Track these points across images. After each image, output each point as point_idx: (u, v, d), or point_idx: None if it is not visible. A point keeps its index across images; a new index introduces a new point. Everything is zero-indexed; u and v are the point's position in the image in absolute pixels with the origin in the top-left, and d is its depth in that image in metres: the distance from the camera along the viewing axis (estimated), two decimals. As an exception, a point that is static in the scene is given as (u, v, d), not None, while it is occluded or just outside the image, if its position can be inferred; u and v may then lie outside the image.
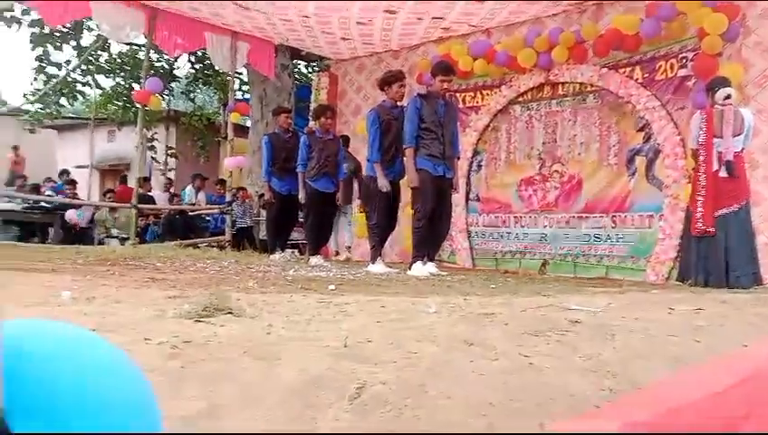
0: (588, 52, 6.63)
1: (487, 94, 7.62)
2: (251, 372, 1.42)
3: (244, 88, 12.48)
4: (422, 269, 5.08)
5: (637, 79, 6.33)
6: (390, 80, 5.61)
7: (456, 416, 1.33)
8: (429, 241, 5.32)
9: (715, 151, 4.58)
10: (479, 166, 7.62)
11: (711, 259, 4.60)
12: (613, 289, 4.15)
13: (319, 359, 1.53)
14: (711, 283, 4.53)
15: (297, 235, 8.16)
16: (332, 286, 3.59)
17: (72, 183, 10.03)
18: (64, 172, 11.13)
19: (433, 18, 7.53)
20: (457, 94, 7.74)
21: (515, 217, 7.23)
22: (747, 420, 0.91)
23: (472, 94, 7.80)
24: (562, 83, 6.96)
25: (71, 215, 8.83)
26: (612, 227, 6.40)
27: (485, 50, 7.44)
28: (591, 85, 6.71)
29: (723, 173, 4.61)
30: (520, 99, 7.34)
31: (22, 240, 7.77)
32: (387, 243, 6.14)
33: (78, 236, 8.59)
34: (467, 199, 7.58)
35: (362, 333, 1.82)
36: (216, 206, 9.38)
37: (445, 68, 5.38)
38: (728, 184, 4.61)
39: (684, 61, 5.99)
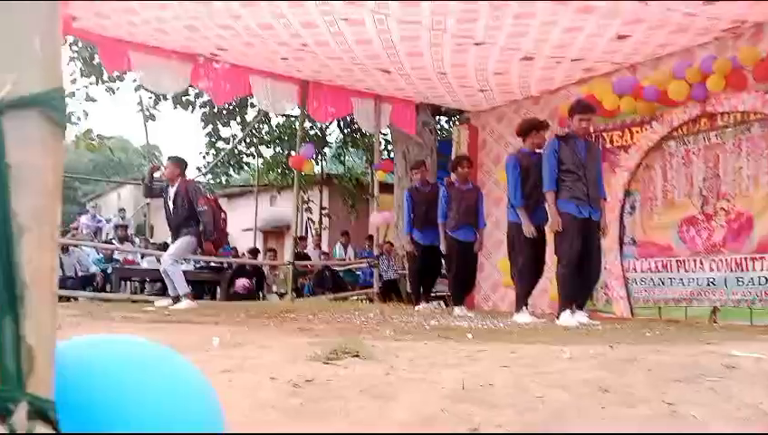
0: (747, 77, 6.06)
1: (637, 132, 7.20)
2: (365, 411, 1.43)
3: (389, 147, 12.99)
4: (570, 319, 4.81)
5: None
6: (528, 128, 5.54)
7: (580, 464, 1.22)
8: (578, 288, 5.04)
9: None
10: (632, 208, 7.15)
11: None
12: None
13: (434, 400, 1.49)
14: None
15: (443, 286, 8.15)
16: (470, 335, 3.52)
17: (254, 252, 11.13)
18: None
19: (572, 60, 7.36)
20: (604, 134, 7.41)
21: (678, 260, 6.63)
22: None
23: (620, 133, 7.42)
24: (721, 114, 6.39)
25: (241, 284, 9.54)
26: (792, 268, 5.63)
27: (631, 86, 7.08)
28: (755, 113, 6.09)
29: None
30: (674, 134, 6.84)
31: (192, 298, 8.56)
32: (536, 292, 5.92)
33: (241, 294, 9.31)
34: (621, 244, 7.10)
35: (485, 376, 1.76)
36: (365, 260, 9.69)
37: (582, 107, 5.20)
38: None
39: None
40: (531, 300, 5.80)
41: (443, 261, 6.86)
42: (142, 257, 9.70)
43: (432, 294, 7.67)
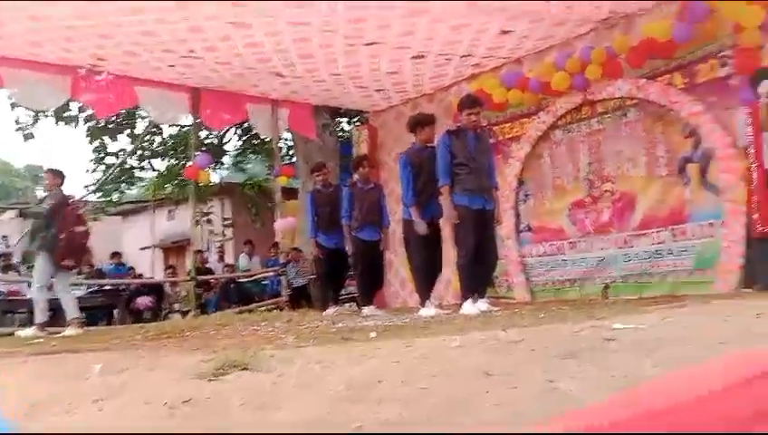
0: (622, 65, 6.45)
1: (526, 123, 7.50)
2: (246, 425, 1.36)
3: (291, 152, 12.82)
4: (473, 308, 4.91)
5: (677, 85, 6.09)
6: (414, 124, 5.62)
7: (461, 451, 1.22)
8: (477, 277, 5.16)
9: (765, 147, 4.29)
10: (526, 196, 7.44)
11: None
12: (673, 305, 3.87)
13: (320, 404, 1.45)
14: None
15: (352, 287, 8.13)
16: (374, 334, 3.50)
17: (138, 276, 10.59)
18: (116, 254, 11.56)
19: (461, 57, 7.55)
20: (495, 127, 7.66)
21: (570, 242, 6.96)
22: (756, 422, 0.78)
23: (510, 125, 7.69)
24: (601, 101, 6.77)
25: (143, 302, 9.07)
26: (673, 241, 6.04)
27: (518, 79, 7.36)
28: (631, 98, 6.49)
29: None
30: (559, 123, 7.17)
31: (88, 326, 8.06)
32: (441, 284, 6.00)
33: (142, 314, 8.87)
34: (518, 231, 7.37)
35: (374, 374, 1.73)
36: (271, 269, 9.50)
37: (470, 102, 5.33)
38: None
39: (724, 59, 5.72)
40: (436, 292, 5.87)
41: (350, 262, 6.83)
42: (30, 287, 9.02)
43: (342, 296, 7.63)
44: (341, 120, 13.06)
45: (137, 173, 13.23)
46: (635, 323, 2.48)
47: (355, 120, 12.74)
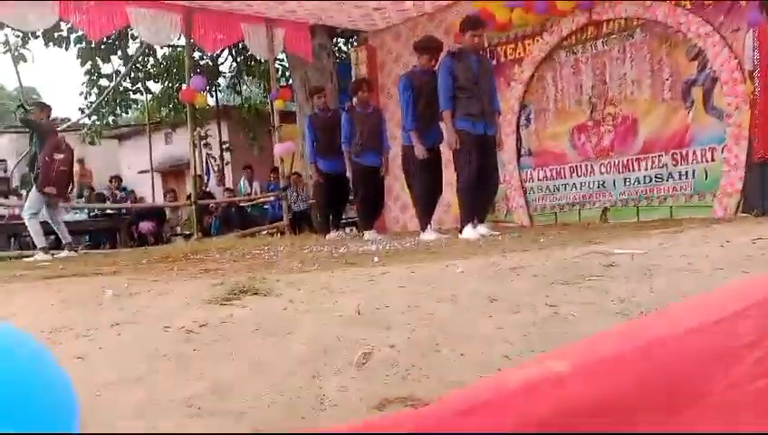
0: (629, -16, 6.23)
1: (529, 44, 7.32)
2: (260, 349, 1.42)
3: (287, 74, 12.55)
4: (473, 232, 4.98)
5: (685, 6, 5.92)
6: (424, 49, 5.47)
7: (469, 374, 1.28)
8: (478, 202, 5.19)
9: (773, 70, 4.22)
10: (528, 120, 7.37)
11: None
12: (672, 229, 3.92)
13: (331, 329, 1.51)
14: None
15: (352, 212, 8.19)
16: (377, 259, 3.57)
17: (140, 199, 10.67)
18: (115, 178, 11.58)
19: (464, -26, 7.28)
20: (498, 48, 7.49)
21: (571, 167, 6.96)
22: (752, 349, 0.82)
23: (513, 46, 7.51)
24: (606, 21, 6.59)
25: (146, 226, 9.17)
26: (674, 165, 6.05)
27: (522, -1, 7.13)
28: (637, 19, 6.32)
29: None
30: (564, 44, 7.01)
31: (92, 248, 8.18)
32: (440, 208, 6.04)
33: (144, 238, 8.98)
34: (519, 155, 7.35)
35: (381, 299, 1.79)
36: (272, 193, 9.54)
37: (474, 22, 5.19)
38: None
39: (734, -22, 5.53)
40: (436, 216, 5.93)
41: (350, 187, 6.85)
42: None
43: (343, 221, 7.69)
44: (339, 40, 12.72)
45: (131, 96, 13.00)
46: (633, 248, 2.53)
47: (353, 40, 12.41)
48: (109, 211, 9.08)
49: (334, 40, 11.91)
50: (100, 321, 1.86)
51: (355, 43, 11.71)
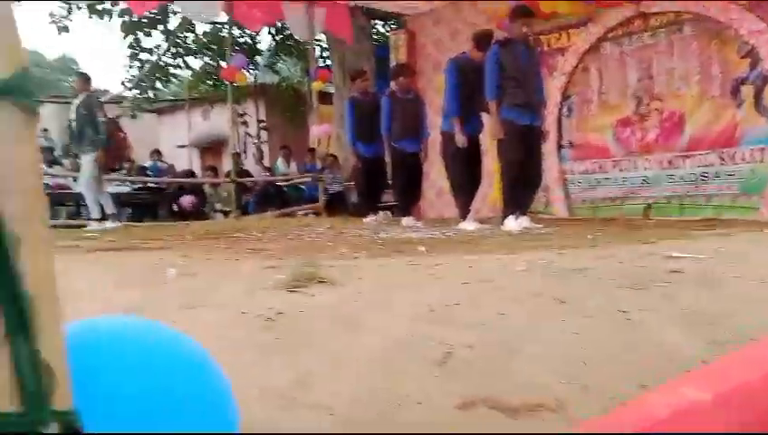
0: (682, -24, 6.09)
1: (573, 34, 7.21)
2: (338, 341, 1.46)
3: (325, 54, 12.55)
4: (515, 223, 4.97)
5: (739, 1, 5.77)
6: (480, 41, 5.42)
7: (546, 378, 1.30)
8: (521, 194, 5.17)
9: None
10: (569, 111, 7.28)
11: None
12: (722, 231, 3.87)
13: (403, 324, 1.54)
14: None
15: (388, 197, 8.21)
16: (423, 248, 3.59)
17: (191, 174, 10.84)
18: (156, 152, 11.76)
19: (510, -41, 7.17)
20: (541, 37, 7.39)
21: (613, 161, 6.88)
22: None
23: (557, 36, 7.41)
24: (655, 14, 6.46)
25: (188, 200, 9.34)
26: (720, 164, 5.95)
27: (569, -13, 7.01)
28: (688, 13, 6.18)
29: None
30: (609, 35, 6.89)
31: (134, 221, 8.36)
32: (478, 196, 6.03)
33: (186, 212, 9.16)
34: (560, 147, 7.28)
35: (447, 296, 1.81)
36: (308, 174, 9.60)
37: (524, 12, 5.13)
38: None
39: (794, -25, 5.37)
40: (474, 205, 5.92)
41: (388, 172, 6.87)
42: (75, 180, 9.27)
43: (379, 205, 7.72)
44: (377, 22, 12.65)
45: (171, 71, 13.15)
46: (690, 252, 2.51)
47: (391, 23, 12.34)
48: (150, 185, 9.25)
49: (372, 22, 11.85)
50: (170, 303, 1.92)
51: (394, 27, 11.65)
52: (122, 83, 12.85)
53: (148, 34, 12.10)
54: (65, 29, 11.55)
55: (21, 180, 0.46)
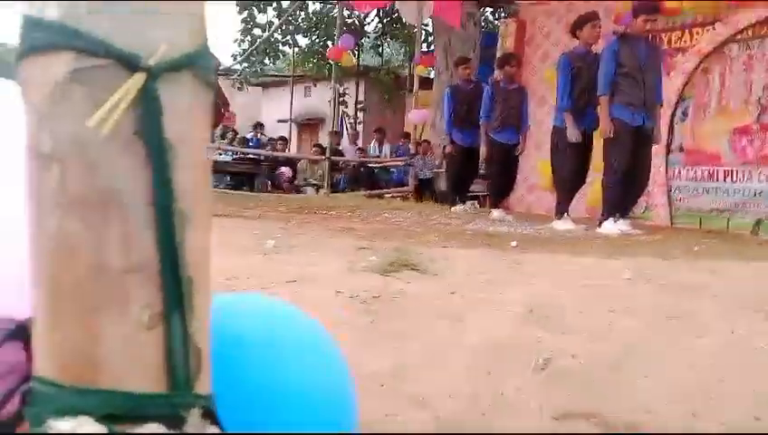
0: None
1: (698, 33, 6.77)
2: (436, 333, 1.44)
3: (430, 39, 12.47)
4: (613, 227, 4.75)
5: None
6: (581, 22, 5.20)
7: (654, 400, 1.23)
8: (624, 197, 4.92)
9: None
10: (684, 114, 6.85)
11: None
12: None
13: (502, 323, 1.50)
14: None
15: (476, 187, 8.08)
16: (514, 243, 3.51)
17: (284, 140, 11.16)
18: (259, 125, 12.13)
19: (634, -50, 6.79)
20: (662, 34, 6.98)
21: (726, 170, 6.43)
22: None
23: (679, 34, 6.98)
24: (793, 18, 5.94)
25: (283, 175, 9.66)
26: None
27: (697, -18, 6.57)
28: (831, 18, 5.65)
29: None
30: (737, 37, 6.41)
31: (233, 189, 8.71)
32: (576, 196, 5.83)
33: (281, 184, 9.49)
34: (669, 151, 6.88)
35: (549, 297, 1.75)
36: (401, 158, 9.62)
37: (649, 7, 4.83)
38: None
39: None
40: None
41: (481, 162, 6.76)
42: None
43: (468, 194, 7.62)
44: (486, 10, 12.41)
45: (280, 47, 13.53)
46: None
47: (501, 10, 12.07)
48: (250, 156, 9.61)
49: (482, 9, 11.62)
50: (271, 275, 1.97)
51: (504, 15, 11.39)
52: (233, 57, 13.36)
53: (263, 11, 12.47)
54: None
55: (193, 155, 0.46)
